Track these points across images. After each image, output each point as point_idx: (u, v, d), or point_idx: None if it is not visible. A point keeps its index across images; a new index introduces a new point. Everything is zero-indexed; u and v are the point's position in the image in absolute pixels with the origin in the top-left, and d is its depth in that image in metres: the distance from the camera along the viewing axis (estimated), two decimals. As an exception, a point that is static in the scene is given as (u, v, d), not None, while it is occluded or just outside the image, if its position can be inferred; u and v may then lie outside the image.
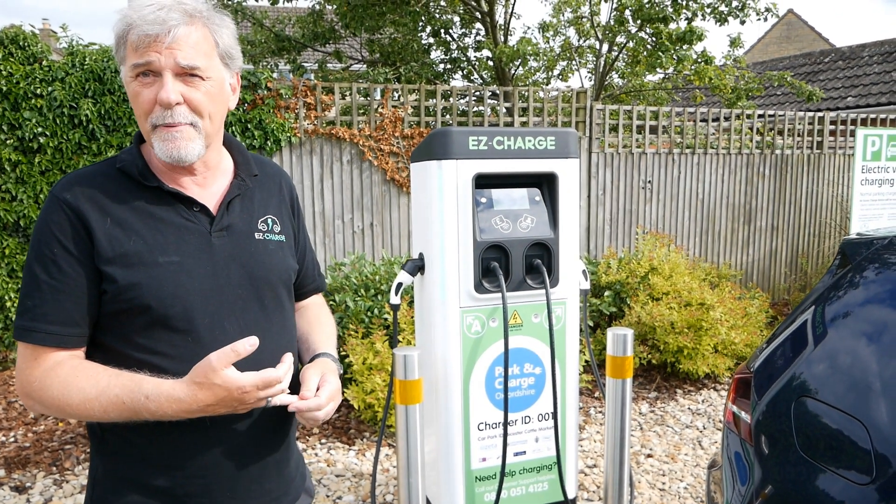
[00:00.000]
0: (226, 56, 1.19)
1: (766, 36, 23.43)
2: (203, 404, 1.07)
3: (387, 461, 3.55)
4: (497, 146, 1.99)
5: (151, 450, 1.17)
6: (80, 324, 1.12)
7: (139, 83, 1.11)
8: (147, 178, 1.16)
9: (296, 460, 1.37)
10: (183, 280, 1.14)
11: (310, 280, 1.48)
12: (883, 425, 1.38)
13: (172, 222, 1.16)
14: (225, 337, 1.16)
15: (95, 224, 1.11)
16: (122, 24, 1.10)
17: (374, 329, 3.85)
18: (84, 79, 4.71)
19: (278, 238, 1.29)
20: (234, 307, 1.19)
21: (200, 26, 1.13)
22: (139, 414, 1.07)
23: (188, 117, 1.13)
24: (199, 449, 1.18)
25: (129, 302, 1.11)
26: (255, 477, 1.24)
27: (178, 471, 1.18)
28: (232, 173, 1.28)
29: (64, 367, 1.10)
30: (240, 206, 1.25)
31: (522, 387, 2.11)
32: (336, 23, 9.34)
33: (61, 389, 1.08)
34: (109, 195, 1.14)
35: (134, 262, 1.12)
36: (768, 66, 14.39)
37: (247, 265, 1.22)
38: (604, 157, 6.17)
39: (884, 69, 10.96)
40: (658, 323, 4.51)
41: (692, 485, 3.37)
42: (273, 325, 1.25)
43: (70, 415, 1.10)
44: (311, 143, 5.29)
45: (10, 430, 3.90)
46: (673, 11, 7.79)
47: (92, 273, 1.11)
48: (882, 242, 1.86)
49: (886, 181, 6.09)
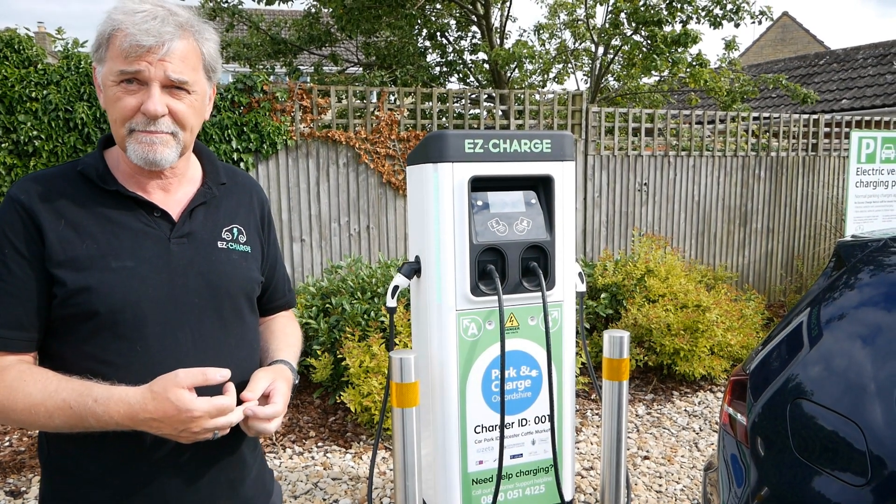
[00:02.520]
0: (209, 69, 1.19)
1: (760, 38, 23.53)
2: (148, 416, 1.02)
3: (384, 464, 3.55)
4: (493, 149, 1.99)
5: (93, 466, 1.13)
6: (27, 328, 1.09)
7: (122, 89, 1.09)
8: (107, 181, 1.14)
9: (255, 480, 1.31)
10: (135, 286, 1.10)
11: (279, 295, 1.44)
12: (878, 427, 1.38)
13: (130, 227, 1.14)
14: (177, 347, 1.13)
15: (48, 226, 1.08)
16: (107, 25, 1.08)
17: (370, 332, 3.85)
18: (79, 82, 4.70)
19: (243, 248, 1.26)
20: (188, 317, 1.15)
21: (191, 40, 1.13)
22: (84, 420, 1.03)
23: (170, 128, 1.12)
24: (143, 465, 1.13)
25: (77, 307, 1.08)
26: (205, 496, 1.19)
27: (120, 489, 1.13)
28: (200, 181, 1.25)
29: (10, 372, 1.07)
30: (203, 214, 1.22)
31: (519, 389, 2.11)
32: (332, 26, 9.34)
33: (6, 393, 1.05)
34: (66, 197, 1.12)
35: (85, 266, 1.09)
36: (763, 68, 14.44)
37: (206, 274, 1.18)
38: (600, 159, 6.18)
39: (878, 71, 11.01)
40: (654, 325, 4.52)
41: (689, 487, 3.37)
42: (230, 338, 1.21)
43: (14, 420, 1.06)
44: (307, 146, 5.29)
45: (5, 434, 3.89)
46: (668, 14, 7.82)
47: (42, 276, 1.08)
48: (876, 245, 1.86)
49: (881, 183, 6.12)
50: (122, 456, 1.12)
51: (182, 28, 1.11)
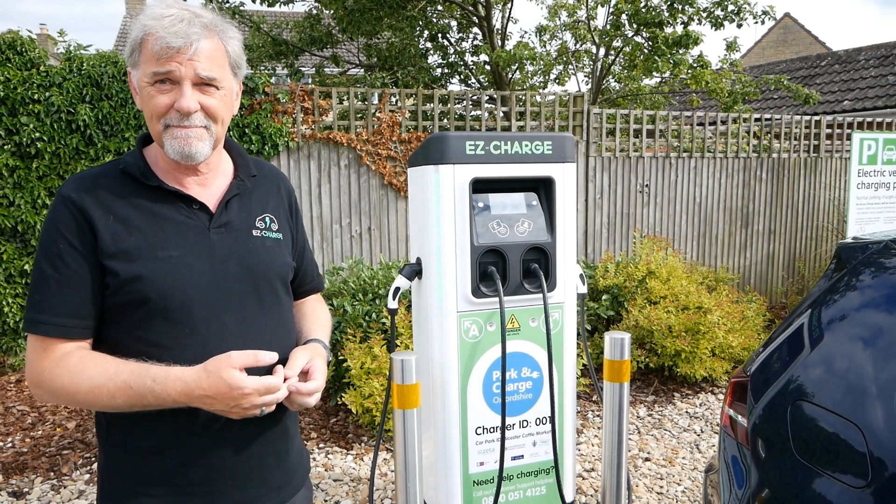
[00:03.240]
0: (235, 66, 1.26)
1: (762, 40, 23.52)
2: (203, 393, 1.10)
3: (385, 465, 3.55)
4: (494, 150, 1.99)
5: (149, 440, 1.21)
6: (85, 316, 1.16)
7: (156, 89, 1.16)
8: (149, 177, 1.22)
9: (297, 453, 1.40)
10: (182, 273, 1.18)
11: (308, 279, 1.52)
12: (878, 429, 1.39)
13: (172, 219, 1.21)
14: (222, 329, 1.21)
15: (99, 221, 1.16)
16: (139, 31, 1.16)
17: (371, 333, 3.85)
18: (81, 84, 4.71)
19: (275, 236, 1.34)
20: (231, 300, 1.23)
21: (216, 39, 1.20)
22: (144, 398, 1.11)
23: (203, 122, 1.20)
24: (196, 438, 1.21)
25: (130, 294, 1.16)
26: (255, 466, 1.27)
27: (178, 458, 1.21)
28: (232, 174, 1.33)
29: (73, 357, 1.14)
30: (238, 205, 1.30)
31: (520, 391, 2.11)
32: (333, 27, 9.35)
33: (71, 377, 1.13)
34: (112, 194, 1.19)
35: (135, 257, 1.16)
36: (765, 69, 14.44)
37: (244, 260, 1.26)
38: (601, 160, 6.18)
39: (880, 73, 11.00)
40: (656, 327, 4.52)
41: (690, 488, 3.37)
42: (270, 320, 1.29)
43: (79, 402, 1.14)
44: (308, 148, 5.30)
45: (8, 435, 3.89)
46: (669, 16, 7.82)
47: (96, 268, 1.16)
48: (877, 246, 1.86)
49: (882, 185, 6.11)
50: (176, 430, 1.20)
51: (207, 28, 1.18)
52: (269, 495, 1.31)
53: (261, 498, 1.30)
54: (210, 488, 1.23)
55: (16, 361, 4.87)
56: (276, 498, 1.33)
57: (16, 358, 4.88)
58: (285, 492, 1.35)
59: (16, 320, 4.75)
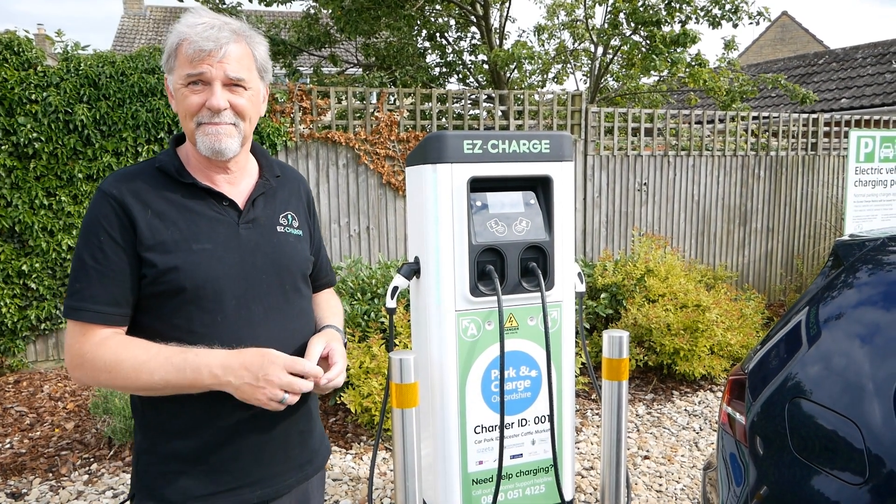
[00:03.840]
0: (262, 69, 1.37)
1: (760, 38, 23.53)
2: (239, 362, 1.21)
3: (384, 465, 3.55)
4: (491, 150, 2.00)
5: (181, 421, 1.29)
6: (122, 304, 1.25)
7: (189, 90, 1.27)
8: (183, 175, 1.32)
9: (319, 435, 1.50)
10: (214, 265, 1.28)
11: (324, 274, 1.63)
12: (876, 426, 1.39)
13: (205, 214, 1.31)
14: (250, 317, 1.31)
15: (138, 215, 1.25)
16: (175, 38, 1.27)
17: (370, 333, 3.85)
18: (79, 84, 4.71)
19: (297, 232, 1.44)
20: (258, 291, 1.33)
21: (244, 44, 1.31)
22: (182, 372, 1.20)
23: (232, 119, 1.30)
24: (224, 420, 1.30)
25: (166, 284, 1.25)
26: (281, 445, 1.37)
27: (208, 438, 1.30)
28: (257, 174, 1.44)
29: (113, 340, 1.24)
30: (263, 203, 1.40)
31: (518, 390, 2.11)
32: (331, 27, 9.35)
33: (114, 356, 1.21)
34: (150, 190, 1.29)
35: (171, 249, 1.26)
36: (763, 67, 14.44)
37: (270, 254, 1.36)
38: (599, 159, 6.19)
39: (877, 70, 11.01)
40: (654, 325, 4.52)
41: (689, 486, 3.37)
42: (292, 308, 1.39)
43: (120, 380, 1.22)
44: (306, 147, 5.29)
45: (6, 436, 3.89)
46: (667, 15, 7.82)
47: (134, 259, 1.25)
48: (874, 244, 1.87)
49: (880, 182, 6.12)
50: (206, 411, 1.28)
51: (236, 34, 1.29)
52: (292, 473, 1.40)
53: (285, 475, 1.38)
54: (238, 466, 1.32)
55: (14, 362, 4.87)
56: (298, 475, 1.42)
57: (14, 359, 4.87)
58: (307, 470, 1.44)
59: (13, 321, 4.75)
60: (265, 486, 1.35)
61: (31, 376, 4.82)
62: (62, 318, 4.90)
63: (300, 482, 1.43)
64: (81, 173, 4.76)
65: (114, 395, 3.65)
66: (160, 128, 4.91)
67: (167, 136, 4.95)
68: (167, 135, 4.95)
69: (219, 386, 1.22)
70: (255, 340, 1.30)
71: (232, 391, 1.23)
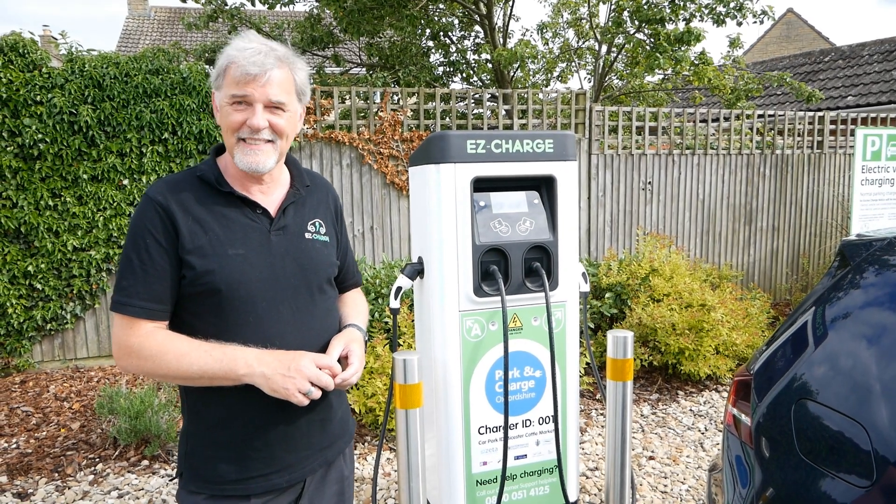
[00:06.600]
0: (300, 93, 1.48)
1: (765, 35, 23.44)
2: (270, 356, 1.34)
3: (388, 465, 3.55)
4: (495, 149, 1.99)
5: (220, 410, 1.42)
6: (165, 301, 1.37)
7: (233, 108, 1.39)
8: (222, 184, 1.43)
9: (340, 421, 1.61)
10: (247, 269, 1.39)
11: (350, 276, 1.73)
12: (883, 428, 1.38)
13: (239, 221, 1.42)
14: (280, 318, 1.43)
15: (180, 221, 1.36)
16: (224, 60, 1.39)
17: (374, 333, 3.85)
18: (84, 85, 4.72)
19: (324, 239, 1.55)
20: (287, 293, 1.44)
21: (287, 69, 1.42)
22: (220, 362, 1.32)
23: (270, 136, 1.41)
24: (257, 409, 1.42)
25: (204, 285, 1.36)
26: (304, 432, 1.49)
27: (242, 427, 1.42)
28: (289, 184, 1.54)
29: (159, 333, 1.36)
30: (294, 211, 1.51)
31: (523, 390, 2.11)
32: (334, 27, 9.35)
33: (160, 347, 1.34)
34: (191, 198, 1.40)
35: (208, 253, 1.37)
36: (768, 65, 14.38)
37: (298, 259, 1.47)
38: (604, 158, 6.17)
39: (884, 68, 10.95)
40: (659, 324, 4.50)
41: (694, 487, 3.36)
42: (318, 310, 1.51)
43: (163, 368, 1.33)
44: (310, 147, 5.30)
45: (13, 436, 3.90)
46: (671, 13, 7.79)
47: (175, 261, 1.36)
48: (881, 244, 1.85)
49: (887, 181, 6.08)
50: (241, 402, 1.41)
51: (280, 60, 1.40)
52: (315, 456, 1.53)
53: (308, 459, 1.51)
54: (268, 453, 1.45)
55: (20, 362, 4.89)
56: (320, 458, 1.54)
57: (20, 359, 4.89)
58: (329, 454, 1.57)
59: (20, 321, 4.77)
60: (293, 471, 1.49)
61: (37, 376, 4.84)
62: (68, 319, 4.92)
63: (321, 466, 1.56)
64: (86, 174, 4.78)
65: (119, 395, 3.66)
66: (164, 128, 4.92)
67: (171, 136, 4.96)
68: (171, 135, 4.96)
69: (251, 377, 1.33)
70: (283, 338, 1.41)
71: (263, 382, 1.33)
